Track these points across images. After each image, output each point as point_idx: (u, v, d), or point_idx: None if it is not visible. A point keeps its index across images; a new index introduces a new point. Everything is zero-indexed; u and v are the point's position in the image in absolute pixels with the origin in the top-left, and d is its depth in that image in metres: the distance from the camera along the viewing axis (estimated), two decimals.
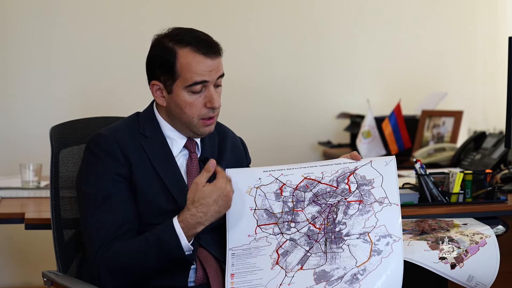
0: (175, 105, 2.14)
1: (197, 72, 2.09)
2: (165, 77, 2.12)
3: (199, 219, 2.02)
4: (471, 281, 2.19)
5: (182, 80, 2.10)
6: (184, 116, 2.14)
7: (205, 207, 2.01)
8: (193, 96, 2.12)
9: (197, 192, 2.03)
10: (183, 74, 2.10)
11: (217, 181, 2.03)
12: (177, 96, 2.12)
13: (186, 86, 2.10)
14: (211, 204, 2.02)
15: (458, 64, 5.24)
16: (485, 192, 2.78)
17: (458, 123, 4.32)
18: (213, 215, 2.03)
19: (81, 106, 4.48)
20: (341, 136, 4.96)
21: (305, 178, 2.17)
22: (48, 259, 2.86)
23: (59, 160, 2.31)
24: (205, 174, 2.04)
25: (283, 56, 4.94)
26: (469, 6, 5.26)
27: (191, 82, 2.10)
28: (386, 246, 2.02)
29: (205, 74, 2.10)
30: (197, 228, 2.03)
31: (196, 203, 2.02)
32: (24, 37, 4.43)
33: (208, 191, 2.02)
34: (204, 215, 2.02)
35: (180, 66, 2.10)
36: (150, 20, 4.58)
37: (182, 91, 2.11)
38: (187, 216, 2.02)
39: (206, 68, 2.10)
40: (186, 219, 2.02)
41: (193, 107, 2.12)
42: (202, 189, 2.02)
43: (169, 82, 2.12)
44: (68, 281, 2.13)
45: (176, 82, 2.11)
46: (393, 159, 2.18)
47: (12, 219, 2.81)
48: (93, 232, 2.07)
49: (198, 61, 2.10)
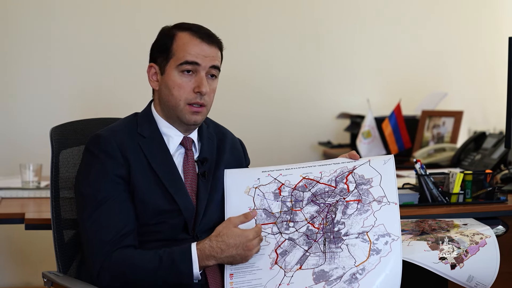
0: (165, 86, 2.15)
1: (191, 52, 2.13)
2: (161, 58, 2.16)
3: (215, 253, 2.03)
4: (471, 281, 2.19)
5: (175, 59, 2.13)
6: (171, 98, 2.14)
7: (224, 245, 2.03)
8: (183, 77, 2.13)
9: (225, 228, 2.05)
10: (177, 53, 2.13)
11: (249, 231, 2.04)
12: (168, 76, 2.14)
13: (177, 65, 2.13)
14: (231, 246, 2.02)
15: (458, 64, 5.24)
16: (485, 193, 2.78)
17: (458, 123, 4.32)
18: (228, 257, 2.04)
19: (81, 106, 4.49)
20: (341, 136, 4.96)
21: (303, 178, 2.17)
22: (48, 259, 2.86)
23: (59, 160, 2.31)
24: (242, 219, 2.08)
25: (283, 56, 4.94)
26: (469, 6, 5.26)
27: (183, 61, 2.12)
28: (385, 245, 2.02)
29: (198, 57, 2.13)
30: (210, 260, 2.03)
31: (219, 238, 2.04)
32: (24, 37, 4.43)
33: (235, 233, 2.03)
34: (221, 252, 2.03)
35: (176, 46, 2.14)
36: (149, 21, 4.58)
37: (173, 70, 2.13)
38: (206, 245, 2.03)
39: (200, 52, 2.13)
40: (204, 249, 2.03)
41: (181, 89, 2.13)
42: (231, 228, 2.04)
43: (163, 63, 2.16)
44: (68, 282, 2.13)
45: (169, 61, 2.14)
46: (392, 157, 2.18)
47: (12, 219, 2.81)
48: (92, 233, 2.06)
49: (193, 43, 2.13)
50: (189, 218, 2.11)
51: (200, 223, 2.13)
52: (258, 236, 2.05)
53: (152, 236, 2.11)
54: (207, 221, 2.14)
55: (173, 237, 2.10)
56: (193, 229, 2.12)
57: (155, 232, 2.11)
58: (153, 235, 2.11)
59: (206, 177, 2.19)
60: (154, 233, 2.11)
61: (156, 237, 2.11)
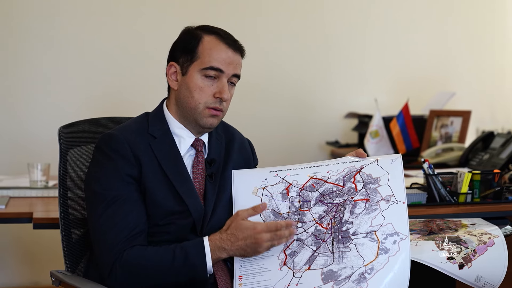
0: (185, 87, 2.15)
1: (217, 58, 2.13)
2: (184, 58, 2.16)
3: (225, 245, 2.03)
4: (479, 281, 2.19)
5: (200, 62, 2.13)
6: (191, 100, 2.15)
7: (233, 237, 2.03)
8: (206, 81, 2.14)
9: (234, 221, 2.05)
10: (202, 56, 2.13)
11: (257, 224, 2.03)
12: (190, 78, 2.14)
13: (202, 68, 2.13)
14: (240, 239, 2.03)
15: (466, 64, 5.23)
16: (493, 192, 2.77)
17: (466, 123, 4.31)
18: (238, 249, 2.04)
19: (89, 106, 4.49)
20: (349, 136, 4.96)
21: (311, 177, 2.17)
22: (56, 258, 2.87)
23: (67, 160, 2.31)
24: (250, 211, 2.07)
25: (291, 56, 4.94)
26: (478, 6, 5.25)
27: (208, 66, 2.12)
28: (393, 245, 2.02)
29: (223, 64, 2.13)
30: (222, 253, 2.04)
31: (228, 231, 2.05)
32: (31, 37, 4.44)
33: (243, 226, 2.03)
34: (231, 244, 2.03)
35: (202, 48, 2.13)
36: (159, 22, 4.59)
37: (196, 73, 2.13)
38: (216, 237, 2.05)
39: (226, 58, 2.14)
40: (215, 240, 2.04)
41: (202, 93, 2.14)
42: (240, 222, 2.04)
43: (186, 64, 2.15)
44: (76, 281, 2.13)
45: (193, 63, 2.14)
46: (399, 157, 2.17)
47: (20, 219, 2.82)
48: (103, 232, 2.06)
49: (220, 48, 2.14)
50: (197, 219, 2.11)
51: (208, 224, 2.12)
52: (270, 230, 2.02)
53: (161, 237, 2.10)
54: (215, 222, 2.14)
55: (182, 237, 2.09)
56: (201, 230, 2.12)
57: (163, 232, 2.11)
58: (161, 235, 2.11)
59: (213, 178, 2.19)
60: (163, 233, 2.11)
61: (164, 237, 2.10)
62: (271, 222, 2.05)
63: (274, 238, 2.03)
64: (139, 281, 2.04)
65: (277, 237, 2.03)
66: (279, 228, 2.03)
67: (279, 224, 2.03)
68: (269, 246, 2.04)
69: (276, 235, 2.03)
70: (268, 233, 2.02)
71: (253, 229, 2.02)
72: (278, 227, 2.03)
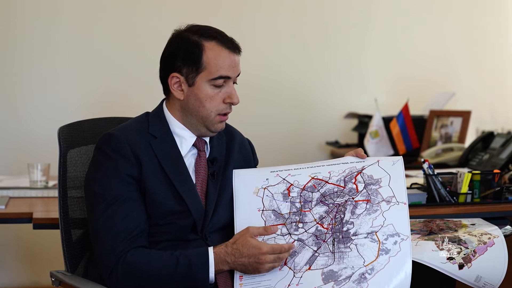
0: (194, 98, 2.14)
1: (223, 66, 2.12)
2: (188, 69, 2.13)
3: (228, 259, 2.03)
4: (479, 282, 2.19)
5: (207, 73, 2.12)
6: (202, 110, 2.14)
7: (238, 253, 2.03)
8: (215, 90, 2.13)
9: (242, 237, 2.05)
10: (209, 67, 2.11)
11: (263, 245, 2.02)
12: (198, 89, 2.13)
13: (210, 79, 2.12)
14: (244, 256, 2.02)
15: (466, 64, 5.23)
16: (493, 192, 2.77)
17: (466, 123, 4.31)
18: (240, 265, 2.04)
19: (89, 106, 4.49)
20: (349, 136, 4.96)
21: (312, 178, 2.17)
22: (56, 258, 2.87)
23: (67, 160, 2.31)
24: (261, 231, 2.06)
25: (291, 56, 4.94)
26: (478, 6, 5.25)
27: (217, 76, 2.12)
28: (394, 245, 2.02)
29: (229, 70, 2.13)
30: (224, 266, 2.04)
31: (234, 245, 2.04)
32: (31, 38, 4.44)
33: (249, 244, 2.02)
34: (234, 259, 2.03)
35: (207, 59, 2.11)
36: (157, 21, 4.58)
37: (205, 84, 2.12)
38: (222, 250, 2.04)
39: (231, 63, 2.13)
40: (220, 253, 2.04)
41: (213, 101, 2.14)
42: (247, 238, 2.03)
43: (192, 75, 2.13)
44: (76, 281, 2.13)
45: (200, 74, 2.12)
46: (400, 159, 2.17)
47: (20, 219, 2.82)
48: (103, 232, 2.06)
49: (224, 55, 2.13)
50: (198, 219, 2.11)
51: (209, 223, 2.13)
52: (274, 253, 2.02)
53: (161, 237, 2.11)
54: (215, 221, 2.14)
55: (182, 237, 2.10)
56: (202, 230, 2.12)
57: (163, 232, 2.11)
58: (161, 235, 2.11)
59: (215, 177, 2.19)
60: (163, 233, 2.11)
61: (164, 237, 2.10)
62: (276, 244, 2.04)
63: (277, 260, 2.03)
64: (139, 284, 2.03)
65: (279, 260, 2.04)
66: (283, 251, 2.03)
67: (283, 248, 2.03)
68: (271, 267, 2.04)
69: (279, 257, 2.03)
70: (272, 255, 2.02)
71: (258, 249, 2.01)
72: (283, 250, 2.03)
